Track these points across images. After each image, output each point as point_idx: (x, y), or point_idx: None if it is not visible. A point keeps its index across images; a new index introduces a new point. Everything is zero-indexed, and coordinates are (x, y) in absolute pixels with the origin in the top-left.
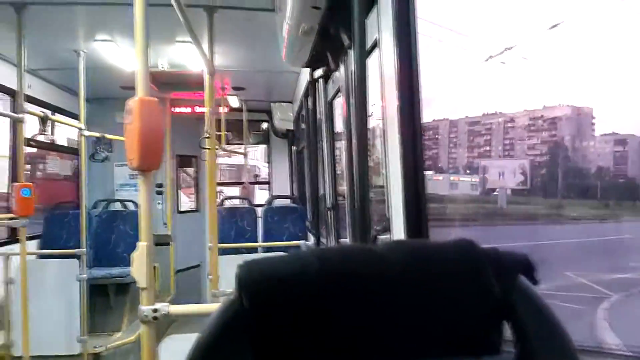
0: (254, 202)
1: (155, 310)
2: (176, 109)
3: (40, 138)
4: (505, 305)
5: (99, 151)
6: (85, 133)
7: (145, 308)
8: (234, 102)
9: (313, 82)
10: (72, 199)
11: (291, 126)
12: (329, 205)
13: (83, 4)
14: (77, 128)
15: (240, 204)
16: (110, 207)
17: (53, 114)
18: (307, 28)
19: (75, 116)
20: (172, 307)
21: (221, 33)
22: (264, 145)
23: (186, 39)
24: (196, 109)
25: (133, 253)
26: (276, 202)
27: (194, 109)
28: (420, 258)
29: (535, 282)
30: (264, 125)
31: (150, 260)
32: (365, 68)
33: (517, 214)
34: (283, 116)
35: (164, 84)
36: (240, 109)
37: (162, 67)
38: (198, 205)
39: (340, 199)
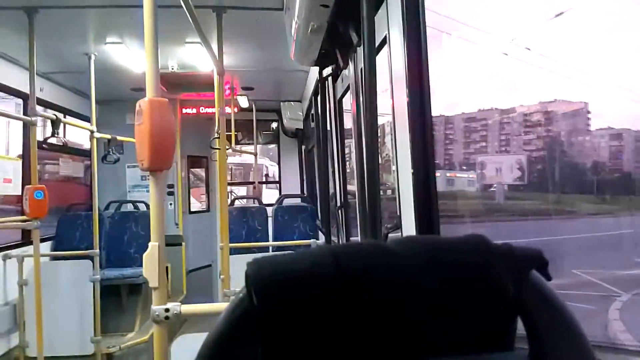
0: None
1: (167, 309)
2: (186, 110)
3: (52, 140)
4: (518, 301)
5: (111, 153)
6: (97, 135)
7: (157, 308)
8: (244, 102)
9: (322, 81)
10: (81, 201)
11: (301, 125)
12: (339, 204)
13: (93, 7)
14: (89, 130)
15: (252, 203)
16: (122, 209)
17: (65, 117)
18: (316, 26)
19: (87, 118)
20: (184, 307)
21: (230, 33)
22: (266, 143)
23: (195, 39)
24: (206, 110)
25: (144, 253)
26: (286, 202)
27: (202, 110)
28: (432, 254)
29: (548, 278)
30: (274, 125)
31: (162, 260)
32: (375, 65)
33: (515, 209)
34: (292, 115)
35: (173, 85)
36: (249, 109)
37: (172, 69)
38: (209, 205)
39: (350, 197)
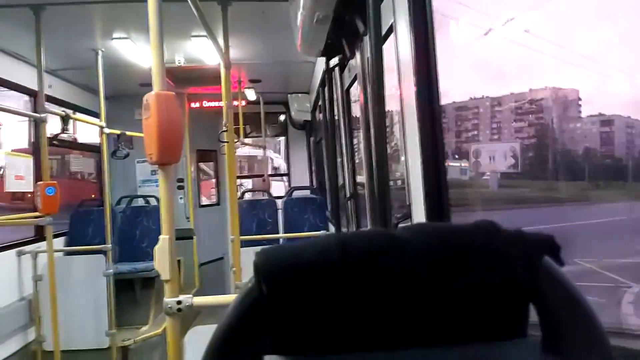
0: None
1: (179, 302)
2: (194, 104)
3: (62, 137)
4: (530, 288)
5: (120, 148)
6: (106, 131)
7: (169, 300)
8: (251, 95)
9: (329, 71)
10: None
11: (308, 117)
12: (348, 195)
13: (99, 3)
14: (98, 126)
15: (262, 196)
16: (133, 203)
17: (74, 113)
18: (322, 16)
19: (96, 114)
20: (196, 299)
21: (236, 26)
22: (274, 135)
23: (201, 33)
24: (213, 103)
25: (156, 246)
26: (295, 194)
27: (210, 104)
28: (442, 241)
29: (561, 263)
30: (282, 117)
31: (173, 252)
32: (382, 54)
33: (510, 197)
34: (300, 107)
35: (181, 79)
36: (257, 102)
37: (179, 63)
38: (219, 198)
39: (359, 188)
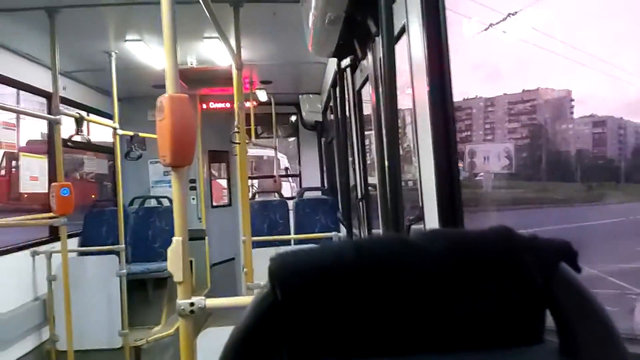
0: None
1: (192, 304)
2: (206, 105)
3: (76, 138)
4: (546, 294)
5: (133, 149)
6: (119, 132)
7: (182, 302)
8: (262, 96)
9: (340, 72)
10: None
11: (320, 118)
12: (360, 196)
13: (112, 5)
14: (112, 127)
15: (272, 197)
16: (146, 204)
17: (88, 115)
18: (333, 17)
19: (109, 116)
20: (209, 301)
21: (247, 27)
22: (285, 136)
23: (213, 35)
24: (225, 105)
25: (169, 248)
26: (307, 194)
27: (221, 105)
28: (457, 247)
29: (577, 270)
30: (293, 118)
31: (186, 254)
32: (394, 55)
33: (504, 198)
34: (311, 108)
35: (193, 80)
36: (268, 103)
37: (191, 64)
38: (230, 199)
39: (371, 189)
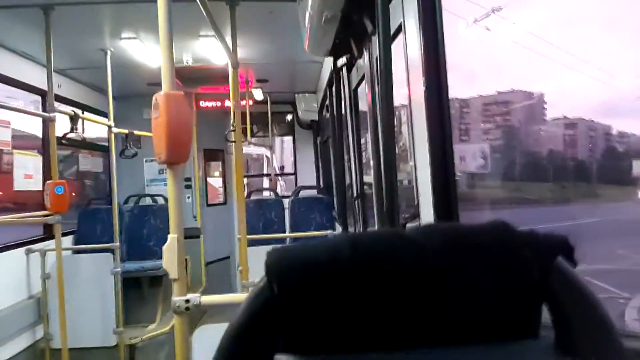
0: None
1: (187, 301)
2: (201, 104)
3: (71, 136)
4: (543, 288)
5: (129, 148)
6: (115, 130)
7: (177, 299)
8: (258, 95)
9: (337, 71)
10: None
11: (315, 117)
12: (355, 195)
13: (108, 3)
14: (107, 125)
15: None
16: (140, 202)
17: (83, 113)
18: (330, 16)
19: (105, 114)
20: (204, 298)
21: (243, 26)
22: (281, 135)
23: (209, 33)
24: (221, 103)
25: (164, 246)
26: (302, 193)
27: (217, 103)
28: (453, 241)
29: (574, 264)
30: (289, 117)
31: (181, 251)
32: (390, 54)
33: (480, 198)
34: (307, 107)
35: (189, 79)
36: (264, 102)
37: (187, 63)
38: (226, 197)
39: (366, 187)
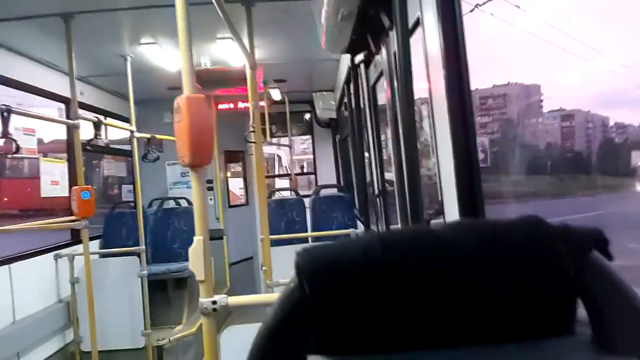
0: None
1: (214, 302)
2: (221, 106)
3: (95, 142)
4: (578, 283)
5: (151, 152)
6: (137, 135)
7: (204, 300)
8: (276, 95)
9: (354, 68)
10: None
11: (334, 115)
12: (376, 192)
13: (126, 9)
14: (129, 130)
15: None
16: (164, 205)
17: (105, 119)
18: (346, 12)
19: (126, 119)
20: (231, 299)
21: (260, 26)
22: (299, 134)
23: (226, 35)
24: (240, 104)
25: (190, 248)
26: (323, 192)
27: (237, 105)
28: (485, 238)
29: (609, 258)
30: (307, 116)
31: (207, 253)
32: (409, 48)
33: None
34: (325, 105)
35: (207, 81)
36: (282, 102)
37: (205, 65)
38: (247, 198)
39: (387, 185)
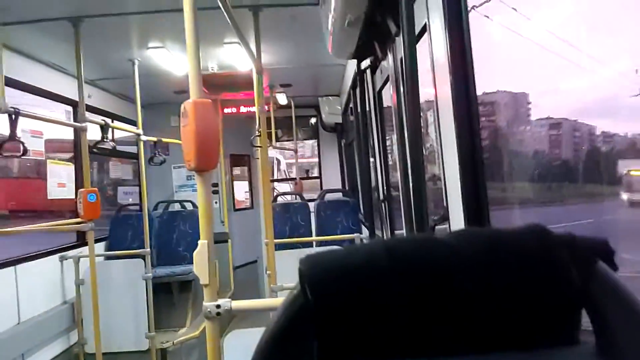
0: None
1: (218, 306)
2: (227, 110)
3: (102, 145)
4: (583, 293)
5: (157, 155)
6: (143, 138)
7: (208, 304)
8: (282, 99)
9: (360, 73)
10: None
11: (339, 120)
12: (382, 197)
13: (134, 14)
14: (136, 133)
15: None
16: (169, 208)
17: (112, 122)
18: (353, 18)
19: (133, 122)
20: (234, 303)
21: (267, 31)
22: (305, 139)
23: (233, 40)
24: (246, 109)
25: (195, 251)
26: (328, 196)
27: (243, 109)
28: (490, 246)
29: (614, 268)
30: (312, 120)
31: (212, 257)
32: (415, 54)
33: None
34: (331, 110)
35: (214, 86)
36: (288, 106)
37: (212, 70)
38: (252, 202)
39: (392, 190)
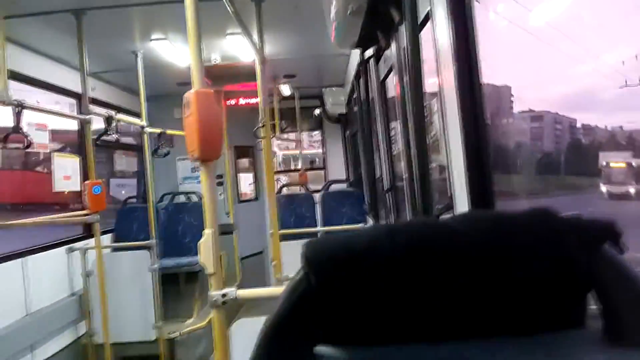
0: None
1: (224, 295)
2: (230, 101)
3: (106, 137)
4: (590, 276)
5: (161, 147)
6: (147, 130)
7: (214, 293)
8: (286, 90)
9: (364, 63)
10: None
11: (343, 110)
12: (386, 187)
13: (137, 5)
14: (140, 126)
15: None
16: (175, 200)
17: (116, 114)
18: (356, 7)
19: (137, 114)
20: (240, 291)
21: (270, 22)
22: (309, 130)
23: (236, 30)
24: (250, 100)
25: (200, 241)
26: (333, 187)
27: (247, 100)
28: (494, 229)
29: (621, 250)
30: (316, 111)
31: (217, 246)
32: (418, 43)
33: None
34: (335, 100)
35: (217, 77)
36: (292, 97)
37: (215, 61)
38: (257, 193)
39: (397, 180)
